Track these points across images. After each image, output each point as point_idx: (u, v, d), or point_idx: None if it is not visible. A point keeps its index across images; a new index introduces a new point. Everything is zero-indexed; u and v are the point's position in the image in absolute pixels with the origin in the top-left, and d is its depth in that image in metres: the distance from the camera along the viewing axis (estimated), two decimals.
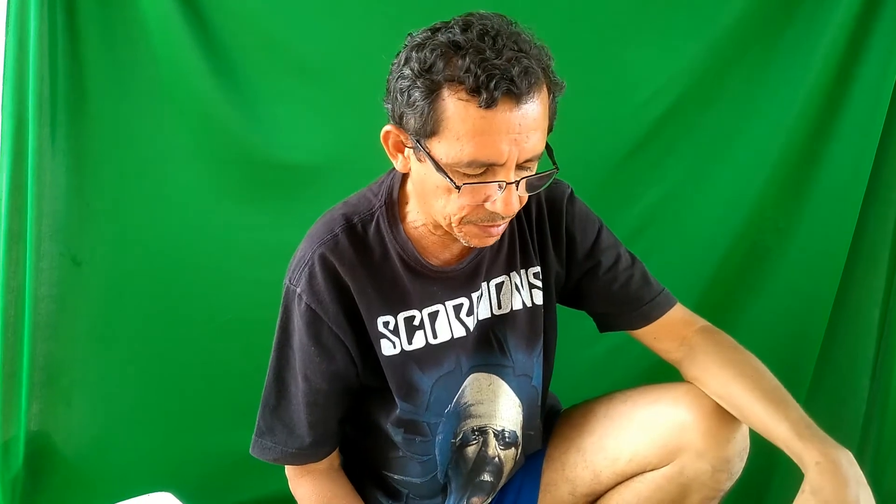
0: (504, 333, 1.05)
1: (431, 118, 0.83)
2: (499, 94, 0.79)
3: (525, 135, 0.82)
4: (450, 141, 0.83)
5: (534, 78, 0.81)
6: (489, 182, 0.85)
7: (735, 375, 0.98)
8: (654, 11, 1.43)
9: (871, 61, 1.40)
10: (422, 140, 0.85)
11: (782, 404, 0.94)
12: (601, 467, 1.08)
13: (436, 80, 0.82)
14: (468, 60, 0.80)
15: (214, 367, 1.49)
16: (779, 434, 0.92)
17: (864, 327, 1.55)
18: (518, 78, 0.79)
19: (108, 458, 1.48)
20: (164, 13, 1.35)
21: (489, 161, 0.83)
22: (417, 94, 0.83)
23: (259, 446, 1.05)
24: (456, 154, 0.83)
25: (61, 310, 1.43)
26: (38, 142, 1.34)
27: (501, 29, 0.83)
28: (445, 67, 0.81)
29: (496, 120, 0.81)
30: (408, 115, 0.85)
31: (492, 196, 0.86)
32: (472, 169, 0.84)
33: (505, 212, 0.87)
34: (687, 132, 1.48)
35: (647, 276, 1.09)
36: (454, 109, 0.82)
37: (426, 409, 1.03)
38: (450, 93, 0.81)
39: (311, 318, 0.97)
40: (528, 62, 0.81)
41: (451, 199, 0.87)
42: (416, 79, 0.83)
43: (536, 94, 0.83)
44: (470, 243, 0.93)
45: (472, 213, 0.88)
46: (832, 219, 1.48)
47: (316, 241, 0.98)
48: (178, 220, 1.45)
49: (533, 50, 0.83)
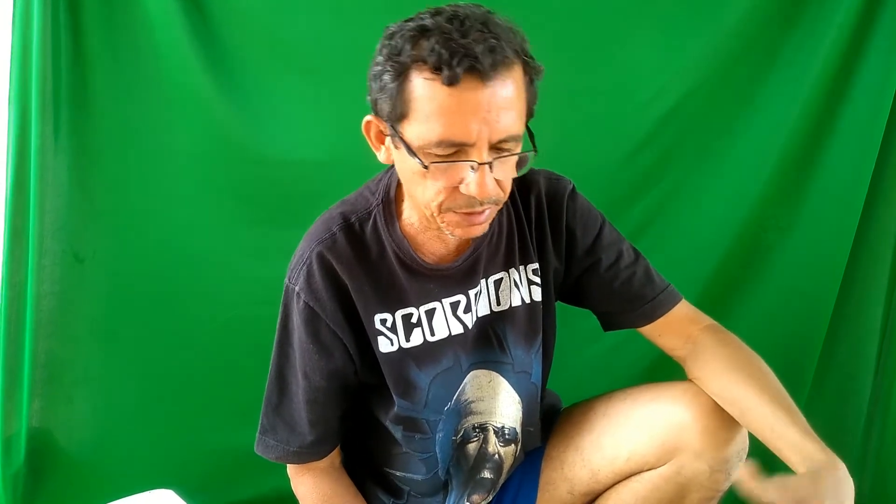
0: (503, 330, 1.05)
1: (400, 100, 0.83)
2: (461, 70, 0.79)
3: (495, 114, 0.81)
4: (419, 121, 0.83)
5: (500, 56, 0.80)
6: (459, 161, 0.84)
7: (740, 378, 0.97)
8: (656, 11, 1.43)
9: (873, 61, 1.40)
10: (395, 125, 0.86)
11: (790, 411, 0.92)
12: (599, 466, 1.07)
13: (403, 61, 0.82)
14: (433, 41, 0.80)
15: (216, 365, 1.49)
16: (785, 438, 0.90)
17: (867, 326, 1.55)
18: (482, 55, 0.79)
19: (109, 456, 1.48)
20: (167, 12, 1.35)
21: (458, 140, 0.82)
22: (387, 77, 0.84)
23: (263, 444, 1.06)
24: (425, 134, 0.83)
25: (63, 307, 1.43)
26: (41, 139, 1.34)
27: (471, 13, 0.83)
28: (412, 49, 0.82)
29: (462, 98, 0.80)
30: (381, 100, 0.86)
31: (465, 178, 0.85)
32: (442, 149, 0.83)
33: (479, 194, 0.85)
34: (689, 131, 1.48)
35: (650, 273, 1.08)
36: (421, 89, 0.82)
37: (424, 407, 1.03)
38: (416, 73, 0.82)
39: (310, 316, 0.98)
40: (496, 42, 0.80)
41: (427, 184, 0.87)
42: (386, 63, 0.84)
43: (505, 73, 0.82)
44: (454, 234, 0.92)
45: (448, 198, 0.87)
46: (834, 217, 1.48)
47: (314, 239, 0.99)
48: (180, 217, 1.45)
49: (503, 32, 0.82)
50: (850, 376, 1.57)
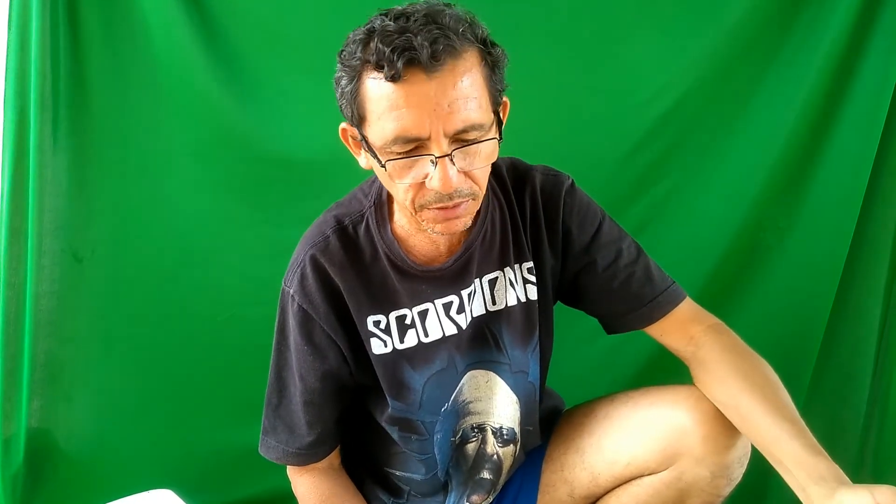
0: (499, 329, 1.04)
1: (356, 103, 0.84)
2: (401, 64, 0.79)
3: (446, 105, 0.80)
4: (374, 122, 0.83)
5: (442, 45, 0.79)
6: (415, 156, 0.83)
7: (745, 386, 0.94)
8: (656, 10, 1.43)
9: (872, 61, 1.40)
10: (360, 130, 0.86)
11: (794, 423, 0.90)
12: (599, 470, 1.07)
13: (354, 65, 0.83)
14: (377, 40, 0.80)
15: (215, 364, 1.49)
16: (788, 452, 0.88)
17: (865, 326, 1.54)
18: (420, 47, 0.78)
19: (108, 455, 1.48)
20: (166, 10, 1.35)
21: (411, 135, 0.81)
22: (343, 82, 0.85)
23: (265, 445, 1.07)
24: (381, 133, 0.83)
25: (62, 306, 1.43)
26: (39, 139, 1.34)
27: (419, 9, 0.82)
28: (361, 52, 0.82)
29: (409, 92, 0.80)
30: (343, 106, 0.87)
31: (428, 173, 0.84)
32: (400, 146, 0.82)
33: (443, 188, 0.83)
34: (689, 131, 1.48)
35: (650, 272, 1.05)
36: (371, 90, 0.82)
37: (419, 408, 1.03)
38: (366, 75, 0.82)
39: (304, 319, 0.98)
40: (439, 32, 0.79)
41: (396, 183, 0.86)
42: (341, 69, 0.85)
43: (452, 63, 0.80)
44: (436, 231, 0.91)
45: (417, 195, 0.87)
46: (833, 217, 1.48)
47: (308, 243, 0.99)
48: (179, 216, 1.45)
49: (450, 22, 0.81)
50: (849, 376, 1.57)
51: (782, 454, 0.88)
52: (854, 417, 1.57)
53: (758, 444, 0.93)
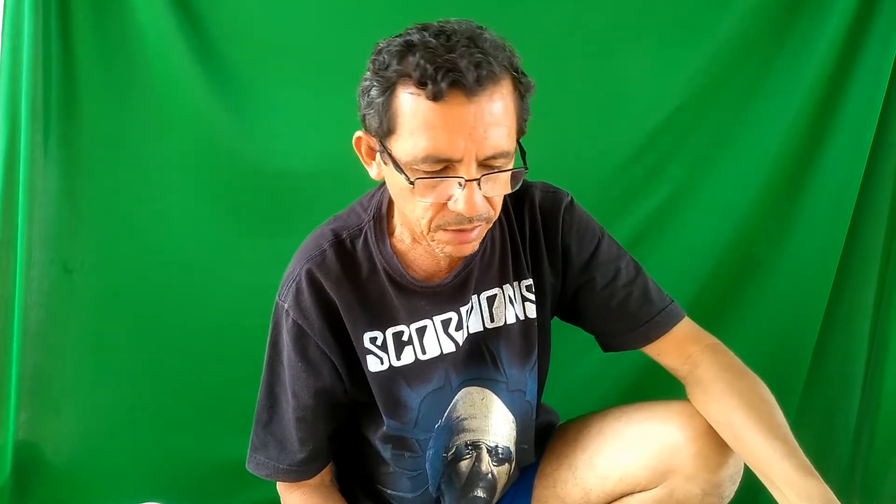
0: (497, 347, 1.04)
1: (387, 115, 0.83)
2: (445, 84, 0.78)
3: (481, 130, 0.80)
4: (405, 137, 0.82)
5: (486, 71, 0.79)
6: (446, 177, 0.83)
7: (740, 404, 0.94)
8: (650, 23, 1.44)
9: (863, 76, 1.41)
10: (383, 140, 0.85)
11: (787, 442, 0.90)
12: (591, 486, 1.06)
13: (389, 77, 0.82)
14: (418, 56, 0.80)
15: (205, 376, 1.48)
16: (779, 472, 0.87)
17: (856, 338, 1.55)
18: (466, 70, 0.78)
19: (97, 468, 1.47)
20: (159, 20, 1.35)
21: (444, 156, 0.81)
22: (374, 92, 0.83)
23: (254, 462, 1.05)
24: (411, 150, 0.82)
25: (51, 318, 1.42)
26: (30, 148, 1.34)
27: (460, 29, 0.82)
28: (399, 64, 0.81)
29: (448, 113, 0.80)
30: (369, 115, 0.85)
31: (453, 195, 0.84)
32: (429, 165, 0.82)
33: (467, 211, 0.83)
34: (681, 144, 1.48)
35: (648, 292, 1.05)
36: (406, 104, 0.81)
37: (414, 426, 1.02)
38: (402, 88, 0.81)
39: (298, 334, 0.97)
40: (482, 57, 0.80)
41: (416, 201, 0.86)
42: (373, 78, 0.84)
43: (492, 89, 0.81)
44: (445, 252, 0.91)
45: (437, 215, 0.87)
46: (823, 230, 1.49)
47: (304, 257, 0.98)
48: (170, 227, 1.44)
49: (490, 47, 0.82)
50: (839, 389, 1.58)
51: (773, 473, 0.88)
52: (844, 430, 1.57)
53: (749, 463, 0.93)
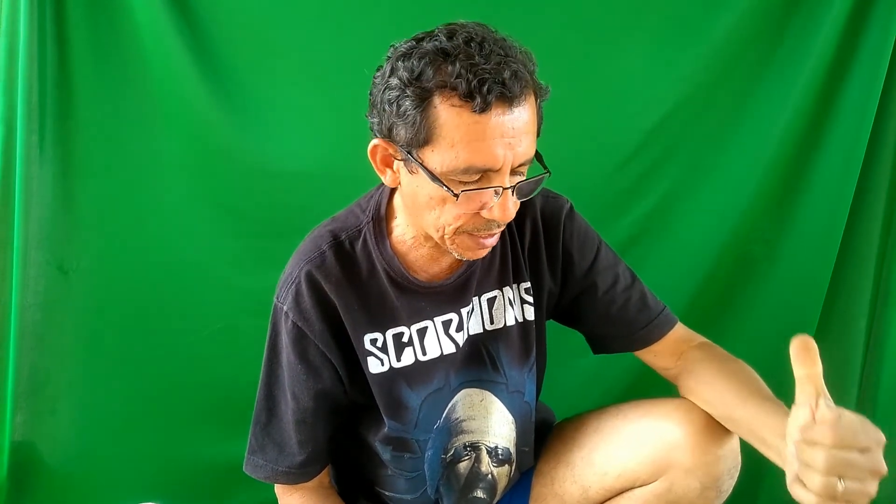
0: (497, 349, 1.04)
1: (424, 127, 0.82)
2: (492, 97, 0.79)
3: (518, 139, 0.82)
4: (444, 148, 0.82)
5: (524, 81, 0.81)
6: (486, 188, 0.84)
7: (729, 384, 0.97)
8: (646, 24, 1.44)
9: (859, 76, 1.41)
10: (413, 151, 0.84)
11: (777, 404, 0.91)
12: (590, 482, 1.06)
13: (426, 87, 0.81)
14: (458, 66, 0.79)
15: (202, 377, 1.48)
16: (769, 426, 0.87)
17: (851, 338, 1.55)
18: (510, 81, 0.80)
19: (93, 469, 1.47)
20: (155, 20, 1.35)
21: (485, 167, 0.82)
22: (408, 102, 0.82)
23: (251, 464, 1.05)
24: (451, 161, 0.82)
25: (47, 319, 1.42)
26: (26, 149, 1.34)
27: (486, 35, 0.83)
28: (436, 74, 0.80)
29: (490, 125, 0.80)
30: (398, 126, 0.83)
31: (488, 203, 0.85)
32: (468, 176, 0.83)
33: (501, 218, 0.86)
34: (677, 144, 1.49)
35: (645, 297, 1.07)
36: (447, 116, 0.81)
37: (415, 427, 1.02)
38: (441, 99, 0.81)
39: (298, 336, 0.97)
40: (517, 66, 0.81)
41: (447, 209, 0.86)
42: (405, 88, 0.82)
43: (526, 98, 0.83)
44: (462, 256, 0.92)
45: (467, 222, 0.87)
46: (820, 230, 1.49)
47: (303, 258, 0.98)
48: (166, 228, 1.44)
49: (519, 55, 0.83)
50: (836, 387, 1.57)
51: (764, 430, 0.89)
52: None
53: (743, 432, 0.94)
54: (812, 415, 0.74)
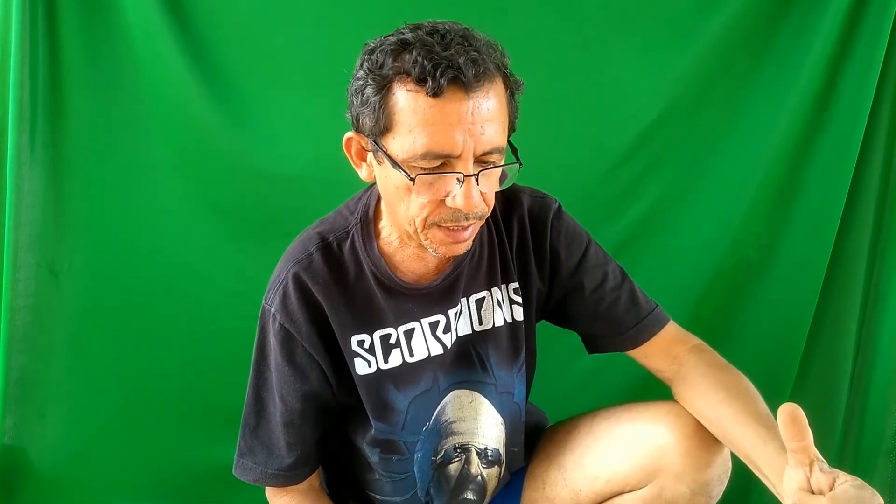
0: (486, 350, 1.04)
1: (383, 114, 0.83)
2: (444, 81, 0.80)
3: (479, 125, 0.82)
4: (403, 134, 0.83)
5: (482, 68, 0.81)
6: (445, 173, 0.84)
7: (725, 397, 0.95)
8: (638, 28, 1.44)
9: (852, 78, 1.41)
10: (378, 139, 0.85)
11: (771, 429, 0.90)
12: (580, 486, 1.06)
13: (385, 74, 0.83)
14: (415, 53, 0.81)
15: (193, 380, 1.48)
16: (765, 456, 0.88)
17: (843, 340, 1.56)
18: (465, 66, 0.80)
19: (84, 473, 1.46)
20: (147, 21, 1.34)
21: (443, 152, 0.82)
22: (369, 90, 0.84)
23: (241, 467, 1.04)
24: (410, 147, 0.83)
25: (37, 321, 1.41)
26: (16, 150, 1.33)
27: (452, 28, 0.84)
28: (394, 63, 0.82)
29: (447, 109, 0.81)
30: (363, 115, 0.86)
31: (451, 191, 0.85)
32: (428, 161, 0.83)
33: (466, 207, 0.85)
34: (670, 147, 1.49)
35: (635, 296, 1.06)
36: (404, 101, 0.82)
37: (402, 429, 1.02)
38: (399, 86, 0.82)
39: (285, 338, 0.97)
40: (477, 55, 0.82)
41: (412, 198, 0.86)
42: (367, 77, 0.84)
43: (488, 86, 0.83)
44: (438, 252, 0.91)
45: (434, 212, 0.87)
46: (812, 233, 1.49)
47: (291, 260, 0.98)
48: (158, 231, 1.44)
49: (483, 46, 0.84)
50: (828, 388, 1.58)
51: (760, 459, 0.89)
52: (832, 432, 1.58)
53: (737, 452, 0.94)
54: (807, 479, 0.76)
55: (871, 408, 1.52)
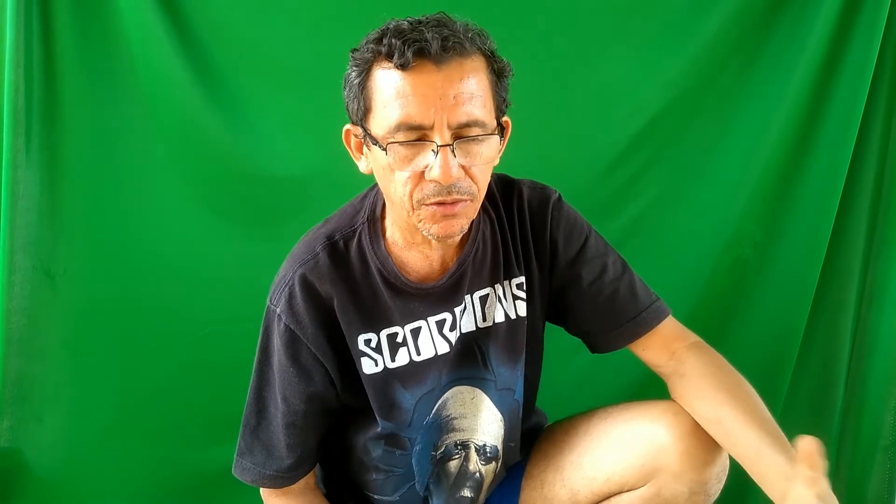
0: (486, 346, 1.04)
1: (364, 95, 0.87)
2: (411, 53, 0.82)
3: (451, 96, 0.84)
4: (379, 111, 0.86)
5: (451, 42, 0.83)
6: (417, 142, 0.85)
7: (726, 399, 0.95)
8: (634, 27, 1.44)
9: (847, 77, 1.42)
10: (363, 122, 0.88)
11: (777, 437, 0.91)
12: (579, 486, 1.06)
13: (366, 58, 0.87)
14: (389, 35, 0.85)
15: (190, 383, 1.47)
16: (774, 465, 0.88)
17: (838, 338, 1.56)
18: (432, 40, 0.83)
19: (81, 476, 1.45)
20: (143, 23, 1.34)
21: (415, 122, 0.84)
22: (353, 76, 0.88)
23: (239, 467, 1.04)
24: (384, 121, 0.85)
25: (33, 324, 1.40)
26: (11, 153, 1.32)
27: (432, 18, 0.87)
28: (374, 46, 0.86)
29: (416, 81, 0.84)
30: (351, 102, 0.90)
31: (429, 164, 0.85)
32: (403, 134, 0.85)
33: (443, 178, 0.85)
34: (666, 147, 1.49)
35: (634, 288, 1.06)
36: (379, 79, 0.86)
37: (408, 426, 1.03)
38: (376, 66, 0.86)
39: (290, 339, 0.97)
40: (448, 32, 0.84)
41: (396, 176, 0.87)
42: (352, 65, 0.89)
43: (459, 59, 0.85)
44: (431, 233, 0.90)
45: (416, 186, 0.87)
46: (808, 232, 1.50)
47: (297, 261, 0.98)
48: (154, 233, 1.43)
49: (458, 27, 0.86)
50: (823, 387, 1.59)
51: (767, 468, 0.89)
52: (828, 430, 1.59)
53: (739, 458, 0.94)
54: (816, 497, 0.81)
55: (868, 404, 1.53)
